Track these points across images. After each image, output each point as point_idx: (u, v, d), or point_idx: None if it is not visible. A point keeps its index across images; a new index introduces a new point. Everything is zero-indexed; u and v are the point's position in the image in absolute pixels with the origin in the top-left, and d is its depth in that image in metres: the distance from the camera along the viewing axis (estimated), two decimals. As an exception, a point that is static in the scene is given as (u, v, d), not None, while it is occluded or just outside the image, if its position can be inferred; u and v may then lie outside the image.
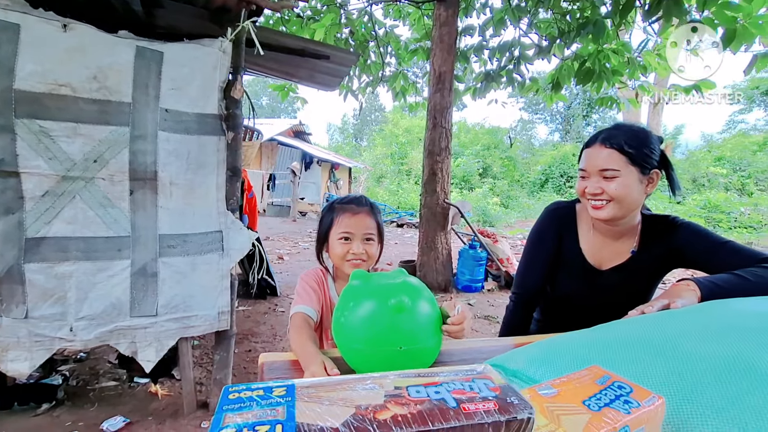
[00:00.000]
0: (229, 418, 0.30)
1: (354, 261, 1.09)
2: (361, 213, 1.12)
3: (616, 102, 4.94)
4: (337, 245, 1.10)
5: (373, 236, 1.12)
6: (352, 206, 1.13)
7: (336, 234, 1.10)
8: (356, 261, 1.09)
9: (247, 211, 3.52)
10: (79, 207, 1.72)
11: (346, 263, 1.09)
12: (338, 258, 1.10)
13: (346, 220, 1.10)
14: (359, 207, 1.13)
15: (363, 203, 1.15)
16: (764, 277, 0.89)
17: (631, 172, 1.01)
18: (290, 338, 0.94)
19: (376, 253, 1.14)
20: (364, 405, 0.32)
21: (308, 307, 1.04)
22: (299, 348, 0.86)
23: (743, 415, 0.46)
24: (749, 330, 0.62)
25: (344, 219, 1.11)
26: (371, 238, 1.11)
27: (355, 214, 1.11)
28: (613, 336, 0.67)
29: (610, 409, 0.42)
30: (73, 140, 1.69)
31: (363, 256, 1.09)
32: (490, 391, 0.36)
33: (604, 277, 1.16)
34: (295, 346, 0.88)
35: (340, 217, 1.11)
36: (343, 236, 1.09)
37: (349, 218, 1.10)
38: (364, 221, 1.11)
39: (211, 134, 1.96)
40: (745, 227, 9.94)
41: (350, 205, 1.14)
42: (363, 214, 1.11)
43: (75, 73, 1.67)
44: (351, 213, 1.11)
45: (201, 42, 1.91)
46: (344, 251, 1.09)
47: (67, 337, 1.73)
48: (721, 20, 3.22)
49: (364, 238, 1.10)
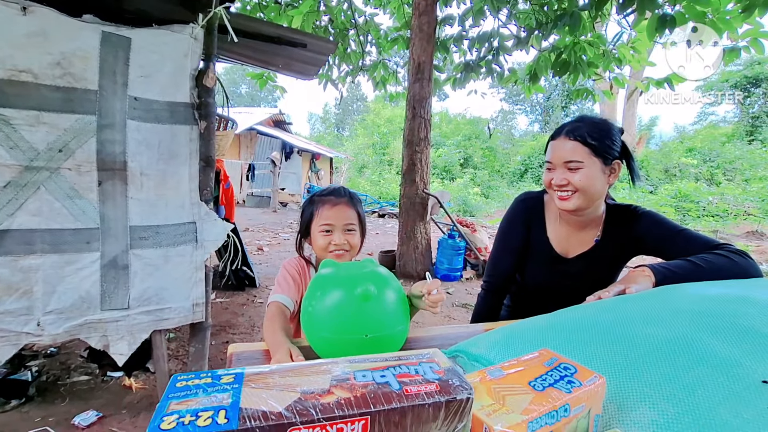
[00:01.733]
0: (174, 405, 0.31)
1: (336, 252, 1.10)
2: (341, 204, 1.12)
3: (592, 94, 5.04)
4: (319, 237, 1.11)
5: (354, 226, 1.13)
6: (332, 198, 1.14)
7: (317, 226, 1.11)
8: (339, 252, 1.10)
9: (223, 201, 3.46)
10: (45, 198, 1.67)
11: (329, 254, 1.10)
12: (321, 250, 1.11)
13: (327, 211, 1.11)
14: (339, 198, 1.14)
15: (342, 194, 1.16)
16: (714, 263, 0.94)
17: (594, 163, 1.05)
18: (263, 327, 0.95)
19: (358, 242, 1.15)
20: (309, 390, 0.33)
21: (285, 297, 1.05)
22: (269, 337, 0.87)
23: (678, 392, 0.49)
24: (694, 313, 0.65)
25: (324, 211, 1.11)
26: (352, 228, 1.12)
27: (334, 205, 1.12)
28: (567, 321, 0.70)
29: (554, 389, 0.45)
30: (36, 129, 1.62)
31: (345, 247, 1.10)
32: (434, 374, 0.37)
33: (570, 265, 1.20)
34: (266, 335, 0.89)
35: (320, 209, 1.12)
36: (325, 228, 1.10)
37: (329, 210, 1.11)
38: (344, 212, 1.12)
39: (182, 123, 1.91)
40: (712, 216, 10.35)
41: (330, 197, 1.14)
42: (342, 205, 1.12)
43: (36, 59, 1.60)
44: (331, 204, 1.12)
45: (171, 28, 1.85)
46: (326, 243, 1.10)
47: (34, 332, 1.68)
48: (691, 15, 3.31)
49: (345, 229, 1.11)
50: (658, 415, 0.47)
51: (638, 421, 0.47)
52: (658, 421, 0.46)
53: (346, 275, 0.83)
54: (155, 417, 0.29)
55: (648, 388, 0.50)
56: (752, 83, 16.70)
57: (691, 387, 0.49)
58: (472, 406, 0.35)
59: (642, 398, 0.49)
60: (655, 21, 3.33)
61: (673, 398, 0.48)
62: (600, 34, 4.58)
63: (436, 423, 0.34)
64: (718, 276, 0.90)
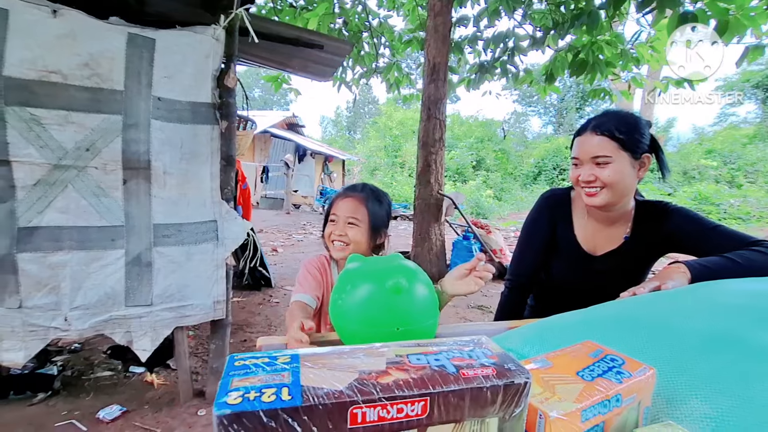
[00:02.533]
0: (237, 382, 0.31)
1: (336, 242, 1.13)
2: (352, 197, 1.16)
3: (609, 93, 4.96)
4: (327, 226, 1.16)
5: (357, 221, 1.13)
6: (348, 191, 1.19)
7: (329, 216, 1.17)
8: (338, 243, 1.13)
9: (240, 202, 3.50)
10: (72, 196, 1.71)
11: (331, 244, 1.15)
12: (326, 238, 1.16)
13: (338, 202, 1.16)
14: (353, 192, 1.18)
15: (358, 189, 1.19)
16: (752, 259, 0.91)
17: (623, 157, 1.03)
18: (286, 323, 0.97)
19: (361, 239, 1.14)
20: (367, 371, 0.33)
21: (306, 295, 1.07)
22: (289, 324, 0.89)
23: (731, 385, 0.47)
24: (736, 307, 0.64)
25: (337, 202, 1.17)
26: (354, 222, 1.13)
27: (345, 198, 1.16)
28: (605, 315, 0.69)
29: (603, 379, 0.44)
30: (64, 128, 1.67)
31: (344, 239, 1.12)
32: (488, 358, 0.37)
33: (598, 263, 1.18)
34: (287, 328, 0.90)
35: (336, 200, 1.18)
36: (332, 218, 1.15)
37: (341, 201, 1.16)
38: (351, 205, 1.14)
39: (204, 123, 1.94)
40: (734, 218, 10.09)
41: (347, 191, 1.19)
42: (353, 199, 1.15)
43: (65, 60, 1.65)
44: (343, 197, 1.17)
45: (194, 29, 1.89)
46: (329, 231, 1.15)
47: (61, 326, 1.72)
48: (713, 12, 3.24)
49: (347, 222, 1.13)
50: (711, 408, 0.45)
51: (690, 415, 0.46)
52: (711, 414, 0.45)
53: (376, 269, 0.82)
54: (220, 392, 0.29)
55: (698, 381, 0.49)
56: (774, 83, 16.27)
57: (744, 380, 0.47)
58: (530, 391, 0.34)
59: (692, 392, 0.48)
60: (676, 19, 3.27)
61: (726, 391, 0.47)
62: (618, 33, 4.52)
63: (494, 407, 0.33)
64: (755, 273, 0.87)
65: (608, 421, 0.42)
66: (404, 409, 0.31)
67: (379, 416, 0.30)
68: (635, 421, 0.45)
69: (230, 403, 0.28)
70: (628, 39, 4.56)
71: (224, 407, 0.28)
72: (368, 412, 0.30)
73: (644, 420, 0.47)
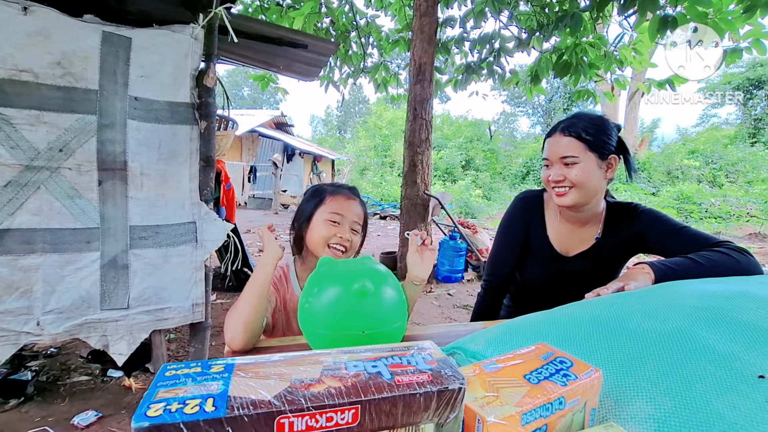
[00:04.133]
0: (162, 393, 0.30)
1: (337, 247, 1.05)
2: (356, 201, 1.11)
3: (593, 95, 5.03)
4: (324, 227, 1.05)
5: (360, 227, 1.11)
6: (347, 191, 1.11)
7: (325, 214, 1.06)
8: (339, 248, 1.05)
9: (224, 203, 3.47)
10: (45, 198, 1.67)
11: (327, 248, 1.05)
12: (321, 240, 1.05)
13: (341, 202, 1.07)
14: (354, 194, 1.12)
15: (356, 193, 1.14)
16: (714, 260, 0.93)
17: (590, 158, 1.05)
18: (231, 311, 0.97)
19: (358, 245, 1.12)
20: (300, 379, 0.33)
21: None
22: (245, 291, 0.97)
23: (675, 386, 0.48)
24: (692, 308, 0.65)
25: (338, 200, 1.07)
26: (357, 229, 1.09)
27: (349, 198, 1.09)
28: (565, 316, 0.69)
29: (549, 382, 0.44)
30: (36, 128, 1.63)
31: (347, 243, 1.05)
32: (426, 364, 0.37)
33: (570, 263, 1.20)
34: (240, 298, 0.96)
35: (332, 198, 1.08)
36: (334, 218, 1.05)
37: (344, 201, 1.07)
38: (357, 209, 1.10)
39: (183, 123, 1.92)
40: (715, 218, 10.31)
41: (344, 190, 1.12)
42: (357, 203, 1.11)
43: (37, 59, 1.61)
44: (345, 197, 1.09)
45: (172, 28, 1.86)
46: (330, 234, 1.04)
47: (34, 331, 1.68)
48: (693, 15, 3.30)
49: (352, 227, 1.08)
50: (655, 409, 0.46)
51: (635, 416, 0.47)
52: (655, 415, 0.46)
53: (344, 271, 0.82)
54: (142, 404, 0.29)
55: (645, 382, 0.50)
56: (754, 85, 16.65)
57: (688, 381, 0.48)
58: (464, 397, 0.35)
59: (639, 392, 0.49)
60: (657, 22, 3.33)
61: (670, 392, 0.47)
62: (601, 36, 4.58)
63: (427, 413, 0.33)
64: (718, 273, 0.89)
65: (551, 424, 0.42)
66: (334, 417, 0.31)
67: (308, 425, 0.30)
68: (581, 423, 0.46)
69: (149, 416, 0.28)
70: (612, 41, 4.62)
71: (142, 419, 0.27)
72: (296, 422, 0.30)
73: (591, 421, 0.47)
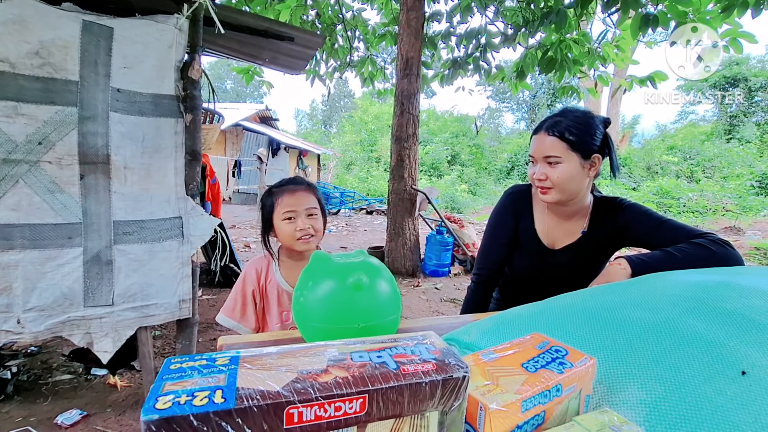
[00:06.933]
0: (169, 386, 0.30)
1: (303, 237, 1.12)
2: (300, 191, 1.16)
3: (577, 91, 5.11)
4: (284, 225, 1.13)
5: (316, 211, 1.16)
6: (290, 186, 1.18)
7: (280, 215, 1.14)
8: (305, 237, 1.13)
9: (210, 197, 3.42)
10: (24, 192, 1.62)
11: (297, 242, 1.13)
12: (288, 237, 1.13)
13: (288, 199, 1.14)
14: (297, 186, 1.18)
15: (299, 182, 1.20)
16: (690, 252, 0.96)
17: (573, 158, 1.07)
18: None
19: (321, 227, 1.18)
20: (307, 370, 0.33)
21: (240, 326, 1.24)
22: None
23: (665, 372, 0.50)
24: (679, 297, 0.67)
25: (285, 199, 1.14)
26: (314, 213, 1.15)
27: (294, 192, 1.16)
28: (557, 307, 0.71)
29: (546, 370, 0.45)
30: (14, 120, 1.57)
31: (310, 231, 1.13)
32: (430, 354, 0.37)
33: (557, 256, 1.22)
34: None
35: (280, 199, 1.15)
36: (287, 215, 1.13)
37: (290, 197, 1.14)
38: (305, 197, 1.15)
39: (167, 116, 1.88)
40: (692, 212, 10.62)
41: (288, 186, 1.18)
42: (302, 192, 1.16)
43: (14, 48, 1.55)
44: (290, 192, 1.15)
45: (155, 18, 1.81)
46: (291, 229, 1.12)
47: (14, 329, 1.64)
48: (673, 14, 3.38)
49: (307, 214, 1.14)
50: (646, 394, 0.48)
51: (627, 401, 0.48)
52: (646, 400, 0.48)
53: (337, 265, 0.82)
54: (150, 397, 0.29)
55: (636, 369, 0.52)
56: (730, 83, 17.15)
57: (677, 367, 0.50)
58: (468, 385, 0.35)
59: (630, 379, 0.51)
60: (639, 20, 3.40)
61: (660, 378, 0.49)
62: (585, 32, 4.65)
63: (433, 401, 0.34)
64: (692, 265, 0.91)
65: (549, 411, 0.43)
66: (342, 407, 0.31)
67: (317, 415, 0.30)
68: (576, 410, 0.47)
69: (159, 408, 0.27)
70: (595, 38, 4.69)
71: (152, 412, 0.27)
72: (305, 412, 0.30)
73: (585, 408, 0.49)
